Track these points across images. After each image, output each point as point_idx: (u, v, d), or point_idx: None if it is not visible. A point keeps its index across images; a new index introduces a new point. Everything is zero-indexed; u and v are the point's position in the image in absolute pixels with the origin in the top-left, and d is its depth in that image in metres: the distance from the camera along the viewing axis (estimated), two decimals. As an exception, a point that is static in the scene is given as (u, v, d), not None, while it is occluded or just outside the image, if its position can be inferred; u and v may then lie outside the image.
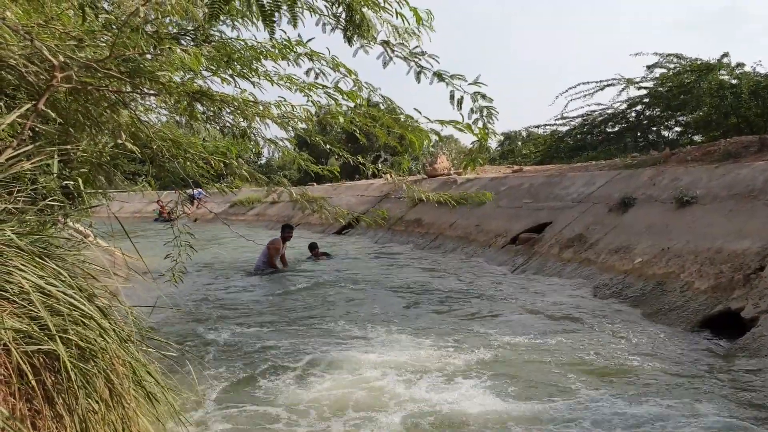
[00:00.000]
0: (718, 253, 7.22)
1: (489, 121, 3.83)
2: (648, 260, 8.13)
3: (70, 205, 3.96)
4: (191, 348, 5.91)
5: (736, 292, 6.40)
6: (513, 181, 15.23)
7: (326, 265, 12.10)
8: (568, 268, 9.49)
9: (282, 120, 4.24)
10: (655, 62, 20.21)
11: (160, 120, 5.16)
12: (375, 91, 4.06)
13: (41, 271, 2.63)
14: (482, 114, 3.81)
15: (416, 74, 3.81)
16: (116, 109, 3.90)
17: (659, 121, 21.89)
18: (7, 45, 2.98)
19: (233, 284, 10.27)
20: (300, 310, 7.79)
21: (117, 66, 3.16)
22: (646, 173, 10.95)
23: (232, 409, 4.43)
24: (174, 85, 3.52)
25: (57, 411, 2.52)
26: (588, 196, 11.64)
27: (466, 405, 4.34)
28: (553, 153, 23.27)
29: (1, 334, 2.31)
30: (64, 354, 2.41)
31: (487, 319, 7.03)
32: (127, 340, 2.96)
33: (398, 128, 4.18)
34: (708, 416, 4.13)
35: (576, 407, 4.30)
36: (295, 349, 5.86)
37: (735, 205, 8.01)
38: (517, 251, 11.45)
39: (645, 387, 4.71)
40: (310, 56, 3.85)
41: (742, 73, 18.42)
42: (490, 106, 3.81)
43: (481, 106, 3.81)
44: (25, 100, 3.36)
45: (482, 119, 3.82)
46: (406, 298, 8.40)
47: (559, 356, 5.47)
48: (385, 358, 5.42)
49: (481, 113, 3.81)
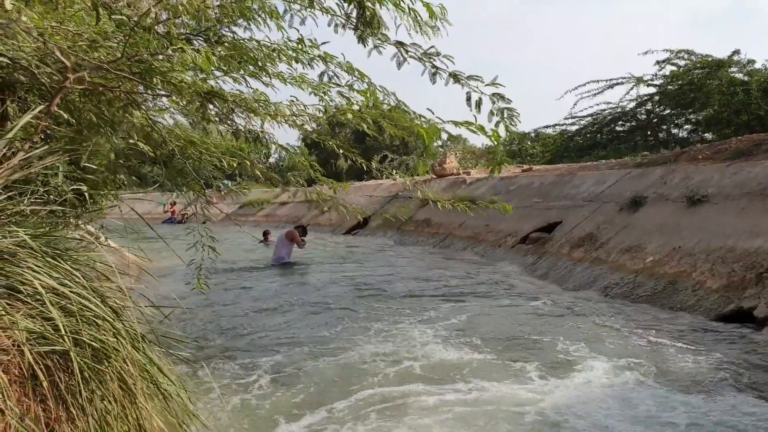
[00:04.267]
0: (730, 251, 7.18)
1: (511, 123, 3.77)
2: (659, 259, 8.09)
3: (82, 207, 3.97)
4: (205, 348, 5.92)
5: (748, 291, 6.36)
6: (523, 180, 15.18)
7: (334, 262, 12.12)
8: (579, 267, 9.45)
9: (294, 121, 4.23)
10: (666, 58, 20.13)
11: (174, 119, 5.17)
12: (389, 95, 4.03)
13: (54, 272, 2.64)
14: (503, 116, 3.76)
15: (431, 75, 3.77)
16: (129, 110, 3.91)
17: (669, 119, 21.82)
18: (20, 47, 2.99)
19: (245, 283, 10.27)
20: (311, 308, 7.79)
21: (129, 67, 3.17)
22: (657, 172, 10.90)
23: (246, 407, 4.44)
24: (186, 85, 3.53)
25: (71, 412, 2.52)
26: (598, 195, 11.60)
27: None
28: (563, 152, 23.23)
29: (15, 335, 2.32)
30: (75, 355, 2.41)
31: (498, 315, 7.01)
32: (140, 340, 2.96)
33: (408, 123, 4.14)
34: (715, 412, 4.11)
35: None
36: (308, 346, 5.86)
37: (747, 203, 7.96)
38: (528, 251, 11.41)
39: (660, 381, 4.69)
40: (323, 59, 3.84)
41: (752, 70, 18.32)
42: (510, 107, 3.75)
43: (500, 108, 3.75)
44: (38, 102, 3.37)
45: (503, 121, 3.77)
46: (417, 295, 8.39)
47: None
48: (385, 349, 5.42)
49: (502, 115, 3.76)
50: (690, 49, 19.67)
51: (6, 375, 2.28)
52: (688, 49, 19.67)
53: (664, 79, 20.57)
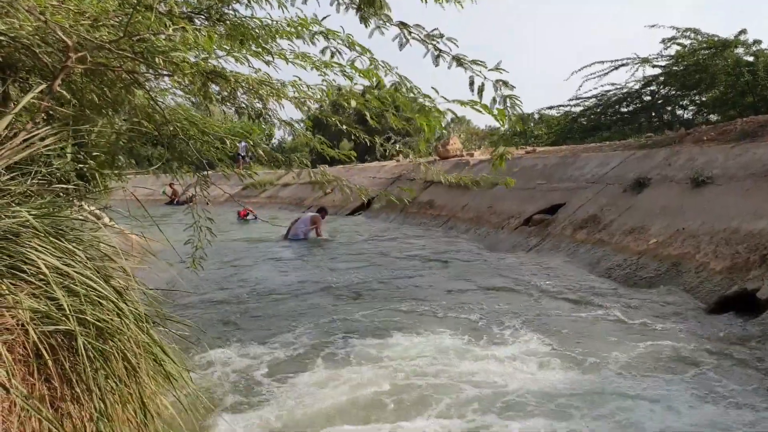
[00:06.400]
0: (734, 233, 7.16)
1: (513, 111, 3.73)
2: (663, 241, 8.08)
3: (85, 188, 3.97)
4: (207, 328, 5.95)
5: (752, 273, 6.34)
6: (526, 162, 15.13)
7: (338, 244, 12.16)
8: (582, 248, 9.45)
9: (297, 100, 4.21)
10: (672, 36, 19.95)
11: (176, 100, 5.15)
12: (391, 70, 3.98)
13: (58, 251, 2.64)
14: (505, 104, 3.72)
15: (434, 58, 3.71)
16: (131, 90, 3.89)
17: (674, 100, 21.68)
18: (21, 25, 2.97)
19: (247, 264, 10.30)
20: (313, 288, 7.81)
21: (131, 46, 3.14)
22: (661, 153, 10.85)
23: (248, 387, 4.46)
24: (188, 64, 3.50)
25: (75, 391, 2.54)
26: (602, 176, 11.56)
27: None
28: (567, 134, 23.11)
29: (19, 314, 2.33)
30: (79, 333, 2.42)
31: (501, 296, 7.02)
32: (144, 320, 2.97)
33: (410, 112, 4.10)
34: (724, 396, 4.12)
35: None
36: (312, 326, 5.89)
37: (752, 184, 7.92)
38: (531, 232, 11.40)
39: (658, 364, 4.70)
40: (325, 35, 3.79)
41: (759, 50, 18.16)
42: (513, 95, 3.70)
43: (503, 95, 3.71)
44: (40, 83, 3.35)
45: (506, 109, 3.73)
46: (424, 275, 8.41)
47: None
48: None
49: (505, 103, 3.72)
50: (696, 28, 19.50)
51: (11, 354, 2.29)
52: (694, 28, 19.50)
53: (669, 59, 20.41)
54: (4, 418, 2.15)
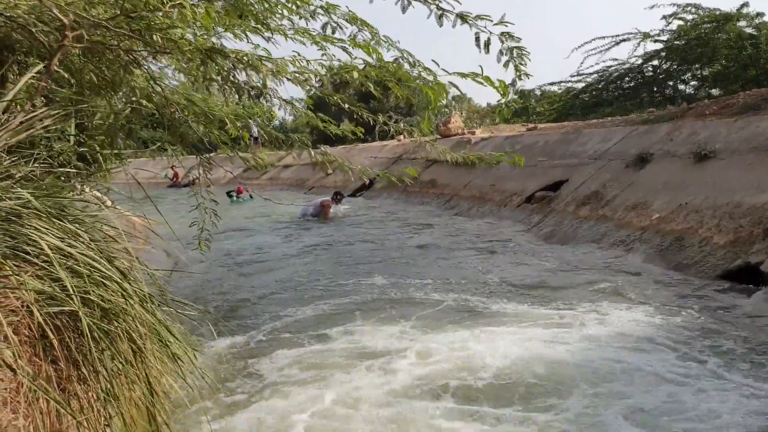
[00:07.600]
0: (737, 207, 7.13)
1: (521, 62, 3.71)
2: (666, 216, 8.06)
3: (86, 170, 3.96)
4: (211, 307, 5.96)
5: (755, 246, 6.34)
6: (528, 139, 15.07)
7: (344, 227, 12.19)
8: (585, 225, 9.43)
9: (297, 77, 4.16)
10: (673, 12, 19.76)
11: (177, 79, 5.11)
12: (393, 44, 3.94)
13: (61, 232, 2.63)
14: (512, 55, 3.69)
15: (437, 17, 3.66)
16: (130, 70, 3.86)
17: (676, 75, 21.52)
18: (16, 4, 2.94)
19: (251, 245, 10.31)
20: (316, 271, 7.82)
21: (128, 24, 3.11)
22: (663, 128, 10.79)
23: (251, 368, 4.48)
24: (186, 42, 3.47)
25: (81, 372, 2.54)
26: (604, 152, 11.51)
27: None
28: (569, 110, 23.00)
29: (24, 295, 2.32)
30: (83, 314, 2.41)
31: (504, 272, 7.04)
32: (148, 300, 2.96)
33: (413, 84, 4.07)
34: (725, 371, 4.13)
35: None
36: (313, 309, 5.90)
37: (755, 158, 7.89)
38: (533, 210, 11.39)
39: (663, 340, 4.71)
40: (325, 9, 3.75)
41: (761, 23, 17.99)
42: (519, 46, 3.68)
43: (510, 47, 3.68)
44: (38, 62, 3.32)
45: (512, 60, 3.70)
46: (430, 256, 8.43)
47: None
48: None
49: (511, 54, 3.69)
50: (697, 3, 19.31)
51: (17, 335, 2.29)
52: (695, 3, 19.31)
53: (671, 34, 20.24)
54: (11, 398, 2.15)
